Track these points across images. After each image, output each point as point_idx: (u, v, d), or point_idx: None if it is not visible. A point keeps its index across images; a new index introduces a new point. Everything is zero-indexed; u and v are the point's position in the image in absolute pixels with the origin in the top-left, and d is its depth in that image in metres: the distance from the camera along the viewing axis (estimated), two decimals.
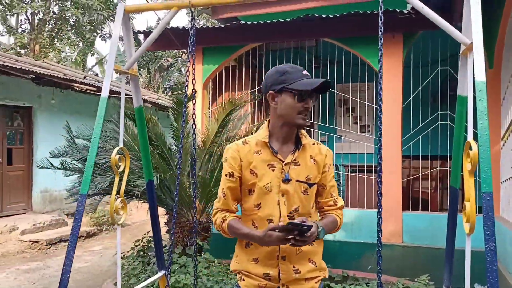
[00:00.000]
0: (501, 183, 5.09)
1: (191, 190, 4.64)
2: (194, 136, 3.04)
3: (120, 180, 2.82)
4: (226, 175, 1.96)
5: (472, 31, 2.06)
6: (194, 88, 3.02)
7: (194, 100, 3.06)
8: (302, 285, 1.91)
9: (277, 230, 1.73)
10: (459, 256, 1.80)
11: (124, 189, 2.88)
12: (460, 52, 2.30)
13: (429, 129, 5.44)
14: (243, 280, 1.96)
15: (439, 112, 5.51)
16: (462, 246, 2.04)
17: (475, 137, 1.90)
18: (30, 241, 8.22)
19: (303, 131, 2.02)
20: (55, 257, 7.47)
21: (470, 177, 1.98)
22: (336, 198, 2.03)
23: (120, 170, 2.73)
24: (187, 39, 3.27)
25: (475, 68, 1.99)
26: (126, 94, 3.57)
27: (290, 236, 1.71)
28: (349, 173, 6.13)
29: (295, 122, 1.89)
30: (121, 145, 2.76)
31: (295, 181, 1.90)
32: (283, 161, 1.91)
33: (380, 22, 2.39)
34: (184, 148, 4.59)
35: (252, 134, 4.83)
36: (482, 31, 2.07)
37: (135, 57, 2.77)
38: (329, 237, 1.84)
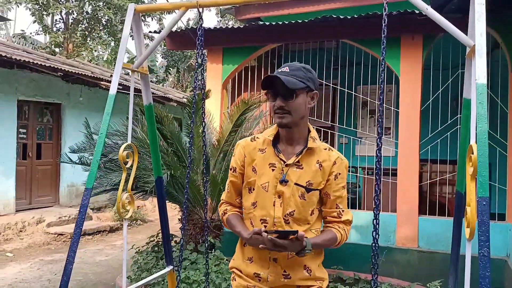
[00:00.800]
0: None
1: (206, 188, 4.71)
2: (204, 134, 3.09)
3: (130, 175, 2.90)
4: (230, 169, 1.99)
5: (475, 33, 2.03)
6: (203, 88, 3.07)
7: (203, 101, 3.11)
8: None
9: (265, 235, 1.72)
10: (476, 264, 1.73)
11: (133, 185, 2.97)
12: (466, 54, 2.26)
13: (448, 133, 5.34)
14: (235, 280, 1.96)
15: (459, 115, 5.38)
16: (474, 253, 1.95)
17: (491, 139, 1.84)
18: (55, 233, 8.52)
19: (314, 134, 1.93)
20: (78, 249, 7.63)
21: (471, 181, 1.94)
22: (342, 210, 1.92)
23: (128, 166, 2.81)
24: (207, 39, 3.32)
25: (477, 71, 1.96)
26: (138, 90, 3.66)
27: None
28: (366, 176, 6.08)
29: (275, 121, 1.87)
30: (129, 141, 2.83)
31: (293, 184, 1.85)
32: (284, 162, 1.86)
33: (383, 24, 2.38)
34: (198, 146, 4.67)
35: None
36: (485, 32, 2.02)
37: (144, 56, 2.84)
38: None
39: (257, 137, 1.97)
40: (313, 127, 1.98)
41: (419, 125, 5.39)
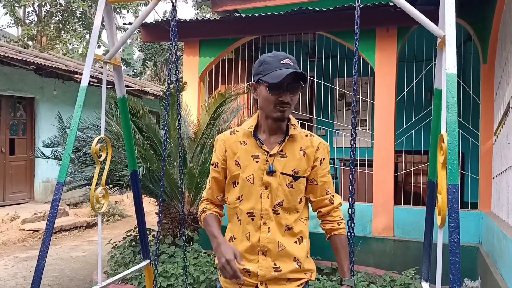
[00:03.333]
0: (493, 178, 5.07)
1: (182, 182, 4.68)
2: (179, 127, 3.08)
3: (104, 169, 2.86)
4: (212, 164, 1.94)
5: (445, 23, 2.05)
6: (177, 80, 3.05)
7: (178, 93, 3.09)
8: (283, 286, 1.82)
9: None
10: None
11: (108, 179, 2.93)
12: (437, 45, 2.29)
13: (422, 124, 5.42)
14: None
15: (432, 106, 5.48)
16: (446, 240, 1.97)
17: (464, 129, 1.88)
18: (30, 230, 8.35)
19: (294, 122, 1.90)
20: (54, 246, 7.57)
21: (442, 169, 1.97)
22: (332, 195, 1.91)
23: (102, 159, 2.77)
24: (183, 31, 3.31)
25: (446, 61, 1.97)
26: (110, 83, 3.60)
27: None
28: (343, 167, 6.14)
29: (272, 115, 1.80)
30: (102, 134, 2.79)
31: (279, 173, 1.82)
32: (268, 152, 1.83)
33: (356, 15, 2.38)
34: (175, 139, 4.63)
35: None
36: (455, 23, 2.05)
37: (116, 47, 2.79)
38: (320, 229, 1.86)
39: (236, 130, 1.93)
40: (291, 115, 1.95)
41: (394, 117, 5.47)
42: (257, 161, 1.84)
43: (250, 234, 1.82)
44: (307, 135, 1.92)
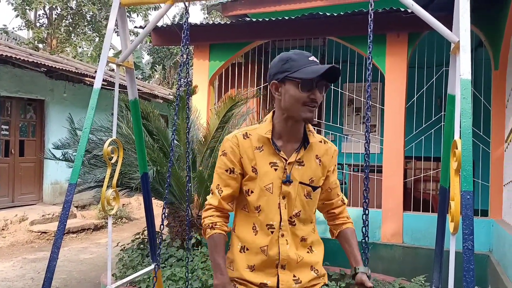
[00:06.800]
0: (504, 185, 5.03)
1: (190, 184, 4.69)
2: (188, 130, 3.07)
3: (114, 171, 2.87)
4: (226, 170, 1.76)
5: (459, 29, 2.04)
6: (188, 84, 3.05)
7: (188, 96, 3.08)
8: None
9: None
10: (460, 259, 1.73)
11: (118, 181, 2.94)
12: (451, 50, 2.28)
13: (432, 130, 5.40)
14: None
15: (442, 113, 5.45)
16: (457, 248, 1.93)
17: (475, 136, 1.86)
18: (38, 232, 8.40)
19: (311, 127, 1.83)
20: (62, 248, 7.51)
21: (455, 176, 1.96)
22: (342, 196, 1.95)
23: (113, 161, 2.78)
24: (194, 35, 3.33)
25: (461, 67, 1.97)
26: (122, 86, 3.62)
27: None
28: (352, 172, 6.12)
29: (300, 115, 1.68)
30: (114, 136, 2.80)
31: (298, 183, 1.74)
32: (286, 160, 1.73)
33: (370, 19, 2.38)
34: (184, 142, 4.64)
35: None
36: (469, 29, 2.04)
37: (129, 50, 2.80)
38: (328, 235, 1.85)
39: (249, 134, 1.78)
40: None
41: (404, 123, 5.45)
42: (275, 169, 1.73)
43: (268, 248, 1.73)
44: (321, 141, 1.86)
